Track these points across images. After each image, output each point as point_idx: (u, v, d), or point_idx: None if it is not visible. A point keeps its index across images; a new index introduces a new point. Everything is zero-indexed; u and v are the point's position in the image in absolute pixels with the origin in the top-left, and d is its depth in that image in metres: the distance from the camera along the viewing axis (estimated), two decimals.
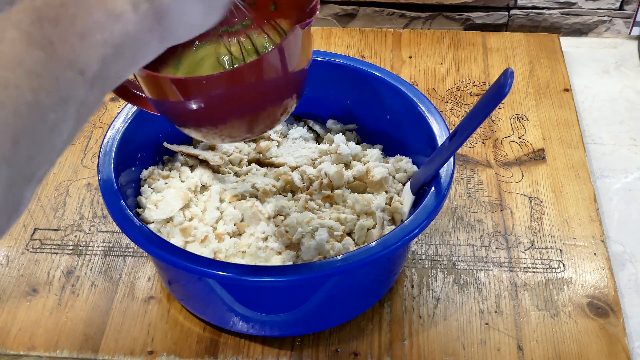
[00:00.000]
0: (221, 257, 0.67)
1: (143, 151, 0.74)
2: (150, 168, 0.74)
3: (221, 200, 0.71)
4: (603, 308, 0.71)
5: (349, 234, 0.69)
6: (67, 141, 0.39)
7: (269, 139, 0.79)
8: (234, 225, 0.69)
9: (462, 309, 0.71)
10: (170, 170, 0.75)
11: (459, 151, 0.84)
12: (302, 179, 0.73)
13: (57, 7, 0.38)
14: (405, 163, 0.74)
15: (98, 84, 0.39)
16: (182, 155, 0.76)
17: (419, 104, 0.72)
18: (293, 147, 0.79)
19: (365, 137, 0.81)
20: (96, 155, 0.87)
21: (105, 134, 0.69)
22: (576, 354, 0.67)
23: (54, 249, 0.77)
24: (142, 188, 0.72)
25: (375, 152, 0.76)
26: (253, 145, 0.78)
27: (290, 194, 0.73)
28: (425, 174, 0.66)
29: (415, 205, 0.67)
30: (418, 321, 0.70)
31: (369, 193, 0.73)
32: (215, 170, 0.74)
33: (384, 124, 0.78)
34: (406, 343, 0.68)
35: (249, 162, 0.77)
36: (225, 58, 0.58)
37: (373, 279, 0.68)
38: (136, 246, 0.72)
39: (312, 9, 0.55)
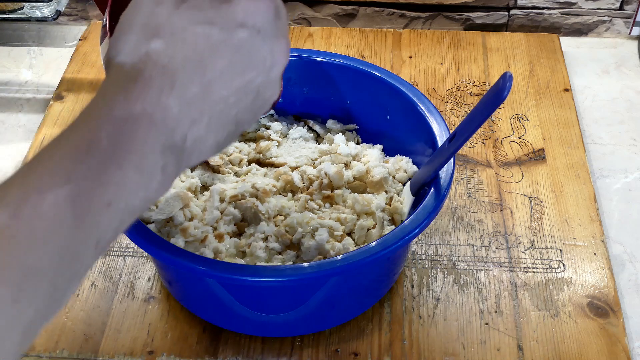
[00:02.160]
0: (221, 257, 0.67)
1: None
2: None
3: (221, 200, 0.71)
4: (603, 308, 0.71)
5: (349, 234, 0.69)
6: (64, 296, 0.37)
7: (269, 139, 0.79)
8: (234, 225, 0.69)
9: (462, 309, 0.71)
10: None
11: (459, 151, 0.84)
12: (302, 179, 0.73)
13: (93, 167, 0.36)
14: (405, 163, 0.74)
15: (104, 248, 0.38)
16: None
17: (419, 104, 0.72)
18: (293, 147, 0.79)
19: (365, 137, 0.81)
20: None
21: None
22: (576, 354, 0.67)
23: None
24: None
25: (375, 152, 0.76)
26: (253, 145, 0.79)
27: (290, 194, 0.73)
28: (425, 175, 0.66)
29: (415, 205, 0.67)
30: (418, 321, 0.70)
31: (369, 193, 0.73)
32: (215, 170, 0.74)
33: (384, 124, 0.78)
34: (406, 343, 0.68)
35: (249, 162, 0.77)
36: None
37: (373, 279, 0.68)
38: (136, 246, 0.72)
39: None
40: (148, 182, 0.38)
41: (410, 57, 1.00)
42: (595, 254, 0.76)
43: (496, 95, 0.55)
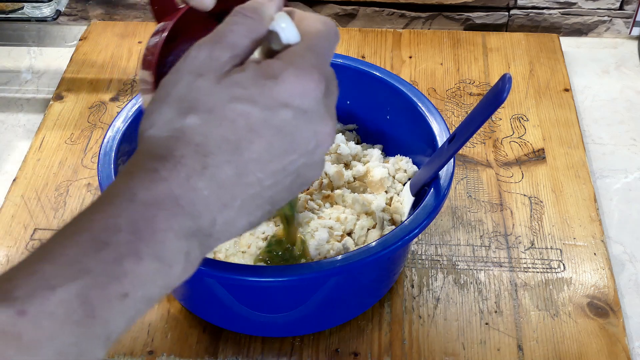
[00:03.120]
0: (221, 257, 0.67)
1: None
2: None
3: None
4: (603, 308, 0.71)
5: (349, 234, 0.69)
6: None
7: None
8: None
9: (462, 309, 0.71)
10: None
11: (459, 151, 0.84)
12: None
13: (110, 259, 0.34)
14: (405, 163, 0.74)
15: (115, 340, 0.35)
16: None
17: (419, 104, 0.72)
18: None
19: (365, 137, 0.81)
20: (96, 155, 0.87)
21: (105, 134, 0.69)
22: (576, 354, 0.67)
23: None
24: None
25: (375, 152, 0.76)
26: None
27: None
28: (424, 176, 0.66)
29: (415, 205, 0.67)
30: (418, 321, 0.70)
31: (369, 193, 0.73)
32: None
33: (384, 124, 0.78)
34: (406, 343, 0.68)
35: None
36: None
37: (373, 279, 0.68)
38: None
39: None
40: (169, 270, 0.35)
41: (410, 57, 1.00)
42: (595, 254, 0.76)
43: (496, 96, 0.55)
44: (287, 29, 0.41)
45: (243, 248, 0.67)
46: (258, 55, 0.43)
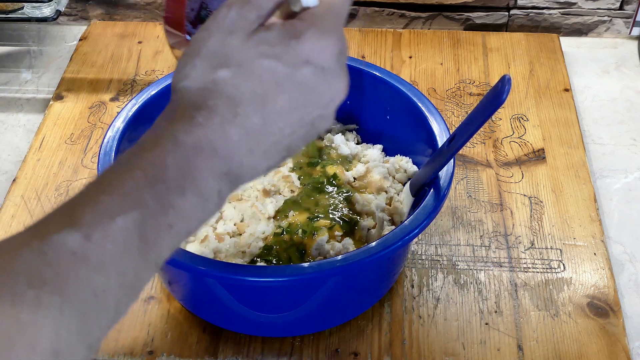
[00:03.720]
0: (221, 257, 0.67)
1: None
2: None
3: None
4: (603, 308, 0.71)
5: (349, 234, 0.69)
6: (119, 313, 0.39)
7: None
8: (234, 225, 0.69)
9: (462, 309, 0.71)
10: None
11: (459, 151, 0.84)
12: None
13: (160, 193, 0.38)
14: (405, 163, 0.74)
15: (160, 265, 0.40)
16: None
17: (419, 104, 0.72)
18: None
19: (365, 137, 0.81)
20: (96, 155, 0.87)
21: (105, 134, 0.69)
22: (576, 354, 0.67)
23: None
24: None
25: (375, 152, 0.76)
26: None
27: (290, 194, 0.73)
28: (424, 176, 0.66)
29: (415, 205, 0.67)
30: (418, 321, 0.70)
31: (369, 193, 0.73)
32: None
33: (384, 124, 0.78)
34: (406, 343, 0.68)
35: None
36: None
37: (373, 279, 0.68)
38: None
39: None
40: (205, 206, 0.40)
41: (410, 57, 1.00)
42: (595, 254, 0.76)
43: (495, 98, 0.55)
44: None
45: (243, 248, 0.67)
46: (276, 17, 0.46)
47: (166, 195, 0.38)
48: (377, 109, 0.77)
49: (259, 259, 0.66)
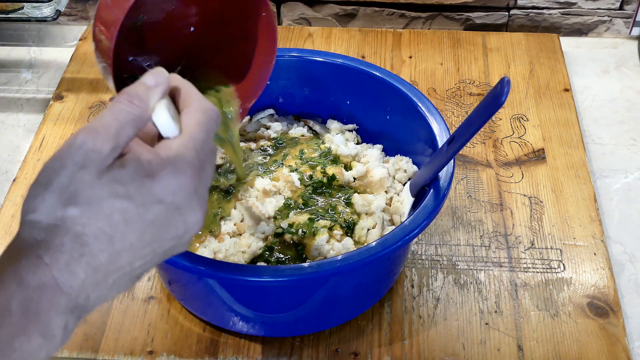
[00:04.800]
0: (221, 257, 0.67)
1: None
2: None
3: None
4: (603, 308, 0.71)
5: (349, 234, 0.69)
6: None
7: (270, 139, 0.79)
8: (234, 225, 0.69)
9: (462, 309, 0.71)
10: None
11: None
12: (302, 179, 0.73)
13: (3, 339, 0.37)
14: (405, 163, 0.74)
15: None
16: None
17: (419, 104, 0.72)
18: None
19: (365, 137, 0.81)
20: None
21: None
22: (576, 354, 0.67)
23: None
24: None
25: (375, 152, 0.76)
26: (254, 145, 0.78)
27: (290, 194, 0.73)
28: (424, 177, 0.66)
29: (415, 206, 0.67)
30: (418, 321, 0.70)
31: (369, 193, 0.73)
32: (215, 170, 0.74)
33: (384, 124, 0.78)
34: (406, 343, 0.68)
35: None
36: None
37: (373, 279, 0.68)
38: None
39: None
40: (51, 343, 0.39)
41: (410, 57, 1.00)
42: (595, 254, 0.76)
43: (494, 100, 0.55)
44: (165, 125, 0.45)
45: (243, 248, 0.67)
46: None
47: (10, 341, 0.38)
48: (377, 109, 0.77)
49: (259, 259, 0.66)
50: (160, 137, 0.45)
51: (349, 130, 0.81)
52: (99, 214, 0.40)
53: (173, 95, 0.47)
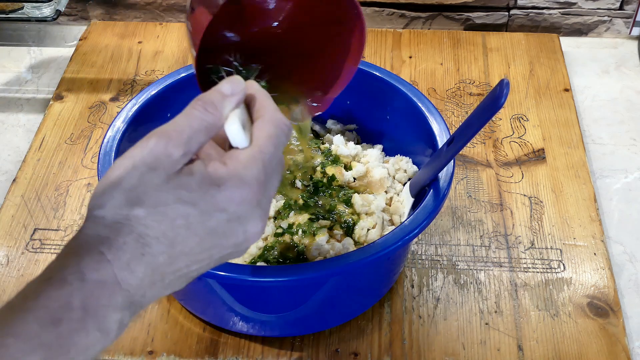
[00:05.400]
0: None
1: None
2: None
3: None
4: (603, 308, 0.71)
5: (349, 234, 0.69)
6: None
7: None
8: None
9: (462, 309, 0.71)
10: None
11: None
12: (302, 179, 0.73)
13: (64, 334, 0.39)
14: (405, 163, 0.74)
15: None
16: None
17: (419, 104, 0.72)
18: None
19: (365, 137, 0.81)
20: (96, 155, 0.87)
21: (105, 134, 0.69)
22: (576, 354, 0.67)
23: (54, 249, 0.77)
24: None
25: (375, 152, 0.76)
26: None
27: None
28: (424, 177, 0.66)
29: (415, 206, 0.67)
30: (418, 321, 0.70)
31: (369, 193, 0.73)
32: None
33: (384, 124, 0.78)
34: (406, 343, 0.68)
35: None
36: None
37: (373, 279, 0.68)
38: None
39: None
40: (107, 337, 0.41)
41: (410, 57, 1.00)
42: (595, 254, 0.76)
43: (493, 102, 0.55)
44: (235, 135, 0.45)
45: None
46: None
47: (69, 336, 0.39)
48: (377, 109, 0.77)
49: (259, 259, 0.66)
50: (231, 145, 0.46)
51: (349, 130, 0.81)
52: (163, 217, 0.41)
53: (248, 104, 0.47)
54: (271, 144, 0.45)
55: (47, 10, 0.94)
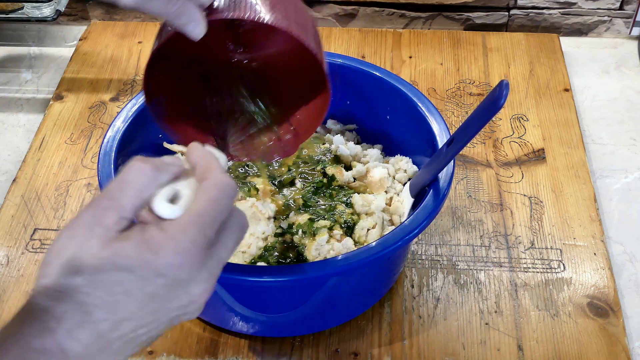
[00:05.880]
0: None
1: (143, 151, 0.73)
2: None
3: None
4: (603, 308, 0.71)
5: (349, 234, 0.69)
6: None
7: None
8: None
9: (462, 309, 0.71)
10: None
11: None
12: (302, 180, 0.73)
13: None
14: (405, 163, 0.74)
15: None
16: (182, 155, 0.76)
17: (419, 104, 0.72)
18: None
19: (365, 137, 0.81)
20: (96, 155, 0.87)
21: (105, 134, 0.69)
22: (576, 354, 0.67)
23: None
24: None
25: (375, 152, 0.76)
26: None
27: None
28: (424, 178, 0.66)
29: (415, 206, 0.67)
30: (418, 321, 0.70)
31: (369, 193, 0.73)
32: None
33: (384, 124, 0.78)
34: (406, 343, 0.68)
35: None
36: None
37: (373, 279, 0.68)
38: None
39: None
40: None
41: (410, 57, 1.00)
42: (595, 254, 0.76)
43: (493, 103, 0.55)
44: (163, 210, 0.44)
45: (243, 248, 0.67)
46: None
47: None
48: (377, 109, 0.77)
49: (259, 260, 0.66)
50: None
51: (349, 130, 0.81)
52: (102, 285, 0.42)
53: (194, 165, 0.47)
54: (212, 207, 0.45)
55: (47, 10, 0.94)
